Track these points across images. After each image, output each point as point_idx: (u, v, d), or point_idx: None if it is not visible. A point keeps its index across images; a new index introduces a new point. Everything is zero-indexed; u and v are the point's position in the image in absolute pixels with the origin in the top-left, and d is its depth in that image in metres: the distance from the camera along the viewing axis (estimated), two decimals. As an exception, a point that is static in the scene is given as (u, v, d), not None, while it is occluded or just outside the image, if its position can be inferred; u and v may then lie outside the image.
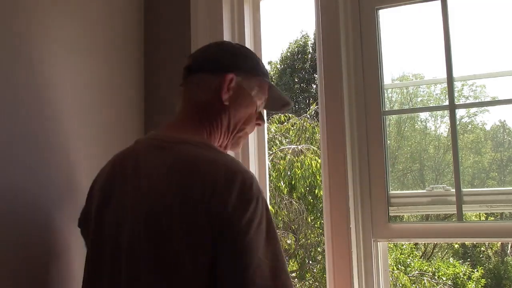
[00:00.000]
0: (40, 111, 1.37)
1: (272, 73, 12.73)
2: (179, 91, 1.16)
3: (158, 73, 1.79)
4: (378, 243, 1.55)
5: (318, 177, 7.13)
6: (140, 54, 1.79)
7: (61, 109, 1.44)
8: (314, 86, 12.12)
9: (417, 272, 8.57)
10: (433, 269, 9.15)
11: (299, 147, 7.49)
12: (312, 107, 9.64)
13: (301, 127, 7.97)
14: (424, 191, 1.64)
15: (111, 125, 1.63)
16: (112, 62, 1.66)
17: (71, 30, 1.50)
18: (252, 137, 1.70)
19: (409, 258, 8.86)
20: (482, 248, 10.96)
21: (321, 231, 7.49)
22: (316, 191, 7.30)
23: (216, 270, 0.86)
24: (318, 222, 7.60)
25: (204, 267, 0.87)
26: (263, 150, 1.73)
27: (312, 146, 7.59)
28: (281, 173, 7.36)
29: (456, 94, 1.59)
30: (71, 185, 1.45)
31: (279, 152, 7.57)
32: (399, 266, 8.39)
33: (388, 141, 1.57)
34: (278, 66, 12.86)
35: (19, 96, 1.31)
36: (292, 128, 8.12)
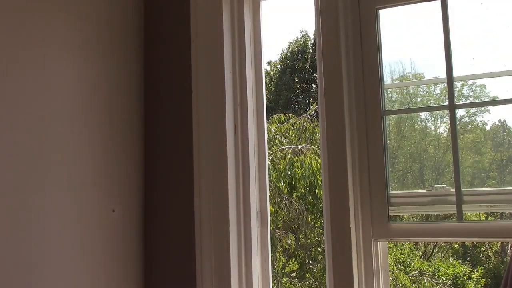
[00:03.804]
0: (38, 110, 1.37)
1: (272, 73, 12.72)
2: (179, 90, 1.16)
3: (158, 73, 1.79)
4: (378, 243, 1.55)
5: (318, 177, 7.13)
6: (140, 54, 1.79)
7: (60, 109, 1.44)
8: (314, 86, 12.11)
9: (417, 272, 8.56)
10: (433, 269, 9.15)
11: (299, 147, 7.48)
12: (312, 107, 9.64)
13: (301, 127, 7.96)
14: (424, 191, 1.64)
15: (109, 124, 1.63)
16: (112, 62, 1.66)
17: (71, 30, 1.50)
18: (252, 137, 1.70)
19: (409, 258, 8.86)
20: (482, 248, 10.96)
21: (321, 231, 7.49)
22: (316, 191, 7.29)
23: None
24: (318, 222, 7.59)
25: None
26: (263, 150, 1.73)
27: (312, 146, 7.59)
28: (281, 173, 7.35)
29: (456, 94, 1.59)
30: (70, 185, 1.45)
31: (279, 152, 7.56)
32: (399, 266, 8.38)
33: (388, 141, 1.57)
34: (278, 66, 12.85)
35: (17, 96, 1.31)
36: (292, 128, 8.11)
